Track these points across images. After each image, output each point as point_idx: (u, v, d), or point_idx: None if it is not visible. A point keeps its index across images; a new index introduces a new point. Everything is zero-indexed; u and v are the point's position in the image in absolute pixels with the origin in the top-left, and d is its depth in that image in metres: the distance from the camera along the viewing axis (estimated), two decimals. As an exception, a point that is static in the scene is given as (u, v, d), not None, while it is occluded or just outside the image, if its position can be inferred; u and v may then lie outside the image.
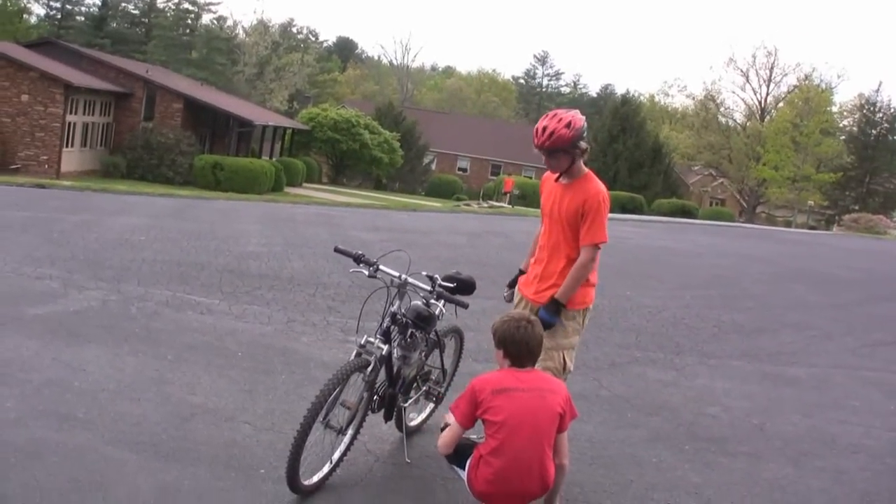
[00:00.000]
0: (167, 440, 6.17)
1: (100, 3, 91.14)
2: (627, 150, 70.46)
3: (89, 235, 14.49)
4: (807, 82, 78.56)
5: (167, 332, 9.04)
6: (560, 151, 5.95)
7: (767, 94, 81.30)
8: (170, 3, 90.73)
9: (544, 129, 5.92)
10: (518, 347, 5.29)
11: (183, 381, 7.53)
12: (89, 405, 6.67)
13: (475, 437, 5.35)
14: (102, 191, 24.90)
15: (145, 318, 9.51)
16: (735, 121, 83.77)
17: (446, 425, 5.35)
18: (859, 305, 16.77)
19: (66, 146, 43.20)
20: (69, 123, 43.16)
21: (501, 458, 5.02)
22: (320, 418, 5.35)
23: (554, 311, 6.06)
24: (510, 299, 6.65)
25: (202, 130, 52.04)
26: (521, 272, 6.60)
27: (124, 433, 6.20)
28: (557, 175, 6.18)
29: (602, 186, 6.13)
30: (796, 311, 15.07)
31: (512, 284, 6.65)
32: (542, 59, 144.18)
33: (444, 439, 5.33)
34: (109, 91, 47.10)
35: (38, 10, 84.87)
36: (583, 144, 6.00)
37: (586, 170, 6.19)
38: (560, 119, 5.93)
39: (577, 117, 5.98)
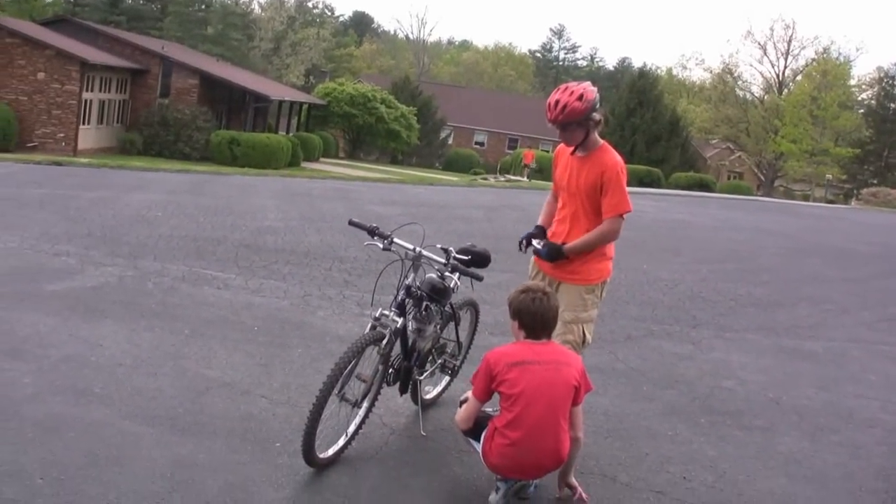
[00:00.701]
0: (183, 414, 6.19)
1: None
2: (645, 124, 70.13)
3: (106, 212, 14.52)
4: (825, 55, 78.16)
5: (183, 307, 9.06)
6: (574, 125, 5.91)
7: (785, 68, 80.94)
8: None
9: (556, 103, 5.87)
10: (533, 319, 5.29)
11: (199, 355, 7.56)
12: (106, 380, 6.70)
13: (490, 409, 5.36)
14: (119, 167, 24.91)
15: (162, 294, 9.54)
16: (753, 94, 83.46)
17: (466, 399, 5.36)
18: (877, 280, 16.72)
19: (83, 123, 43.26)
20: (85, 101, 43.20)
21: (517, 430, 5.02)
22: (335, 391, 5.36)
23: (555, 253, 6.08)
24: (523, 250, 6.56)
25: (218, 106, 52.04)
26: (539, 227, 6.51)
27: (141, 407, 6.23)
28: (573, 148, 6.15)
29: (618, 157, 6.08)
30: (813, 284, 15.03)
31: (528, 239, 6.53)
32: (559, 33, 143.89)
33: (462, 414, 5.35)
34: (125, 68, 47.11)
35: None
36: (596, 116, 5.95)
37: (601, 141, 6.14)
38: (572, 92, 5.88)
39: (589, 89, 5.93)
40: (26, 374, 6.64)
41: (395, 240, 5.94)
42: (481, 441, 5.20)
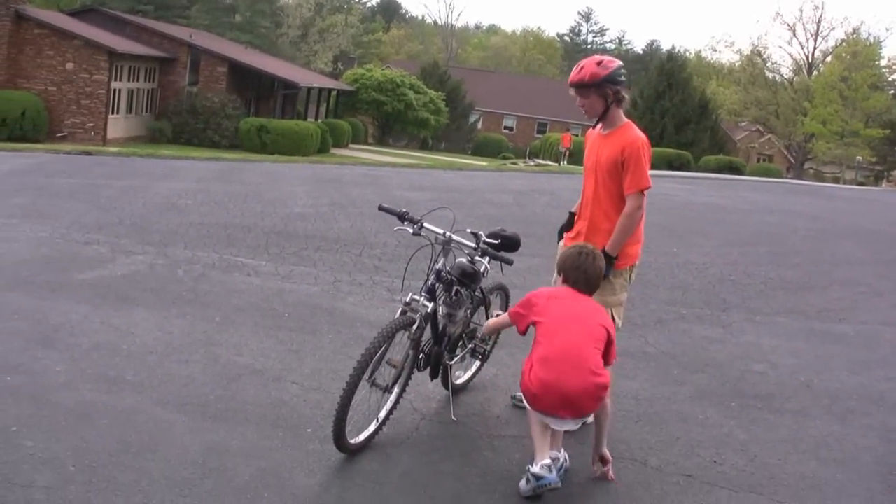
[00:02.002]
0: (215, 401, 6.23)
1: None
2: (674, 107, 69.73)
3: (136, 200, 14.58)
4: (854, 36, 77.43)
5: (214, 295, 9.10)
6: (591, 88, 5.94)
7: (815, 49, 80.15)
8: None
9: (578, 67, 6.01)
10: (576, 274, 5.56)
11: (230, 342, 7.59)
12: (138, 367, 6.74)
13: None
14: (148, 156, 25.01)
15: (192, 281, 9.58)
16: (782, 76, 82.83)
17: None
18: (909, 261, 16.60)
19: (112, 113, 43.38)
20: (114, 90, 43.32)
21: (551, 348, 5.23)
22: (366, 377, 5.37)
23: (609, 266, 6.02)
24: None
25: (247, 94, 52.14)
26: (572, 214, 6.54)
27: (172, 394, 6.27)
28: (596, 122, 6.17)
29: (641, 134, 6.08)
30: (845, 267, 14.93)
31: (564, 227, 6.60)
32: (587, 16, 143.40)
33: (491, 323, 6.17)
34: (153, 57, 47.22)
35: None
36: (618, 88, 5.99)
37: (626, 120, 6.16)
38: (593, 58, 6.03)
39: (610, 58, 6.05)
40: (58, 362, 6.69)
41: (425, 224, 5.94)
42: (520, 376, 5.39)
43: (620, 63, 6.02)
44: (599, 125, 6.23)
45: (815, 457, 6.36)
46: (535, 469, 5.13)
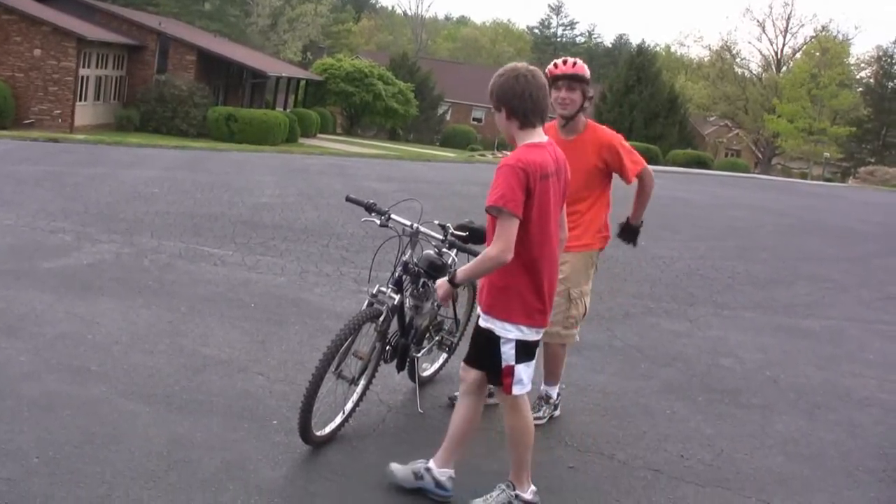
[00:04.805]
0: (180, 392, 6.19)
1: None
2: (643, 101, 69.92)
3: (103, 189, 14.49)
4: (824, 33, 77.95)
5: (180, 284, 9.05)
6: (580, 83, 6.03)
7: (784, 45, 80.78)
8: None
9: (564, 61, 6.08)
10: (523, 102, 4.71)
11: (196, 332, 7.55)
12: (103, 358, 6.68)
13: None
14: (116, 144, 24.87)
15: (158, 271, 9.52)
16: (751, 72, 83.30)
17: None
18: (875, 258, 16.72)
19: (80, 100, 43.06)
20: (82, 77, 42.99)
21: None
22: (332, 369, 5.35)
23: (638, 234, 6.53)
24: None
25: (216, 82, 51.89)
26: None
27: (137, 385, 6.22)
28: (563, 123, 6.18)
29: (609, 129, 6.33)
30: (811, 263, 15.03)
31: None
32: (557, 9, 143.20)
33: (503, 244, 4.69)
34: (122, 44, 46.90)
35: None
36: (589, 89, 6.11)
37: (586, 119, 6.26)
38: (573, 59, 6.12)
39: None
40: (22, 352, 6.63)
41: (393, 216, 5.92)
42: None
43: None
44: (555, 128, 6.22)
45: (782, 452, 6.38)
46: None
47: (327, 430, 5.57)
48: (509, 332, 4.79)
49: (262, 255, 10.80)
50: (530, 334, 4.84)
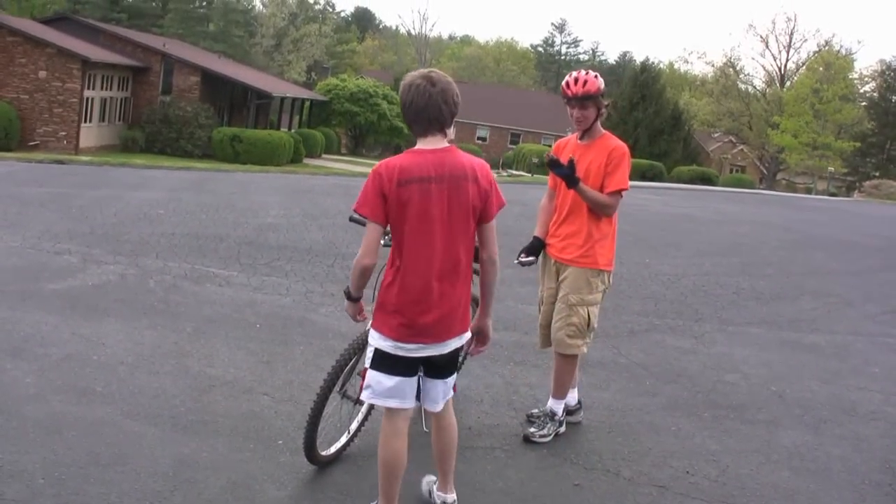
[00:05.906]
0: (186, 412, 6.20)
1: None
2: (647, 118, 69.95)
3: (108, 210, 14.51)
4: (827, 48, 77.93)
5: (186, 305, 9.06)
6: (592, 100, 6.12)
7: (787, 61, 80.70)
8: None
9: (577, 79, 6.14)
10: (408, 112, 4.76)
11: (201, 353, 7.56)
12: (108, 379, 6.70)
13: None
14: (121, 165, 24.94)
15: (164, 292, 9.53)
16: (755, 87, 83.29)
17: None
18: (880, 273, 16.69)
19: (85, 121, 43.24)
20: (87, 99, 43.17)
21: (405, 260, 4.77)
22: (337, 388, 5.36)
23: (573, 177, 6.11)
24: (526, 264, 6.63)
25: (220, 103, 52.06)
26: (537, 238, 6.59)
27: (143, 406, 6.23)
28: (581, 134, 6.33)
29: (622, 142, 6.34)
30: (816, 277, 15.01)
31: (528, 251, 6.62)
32: (560, 27, 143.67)
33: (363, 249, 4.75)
34: (127, 65, 47.10)
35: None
36: (603, 101, 6.21)
37: (604, 130, 6.35)
38: (587, 72, 6.21)
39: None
40: (28, 373, 6.64)
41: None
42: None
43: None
44: (574, 136, 6.44)
45: (788, 467, 6.37)
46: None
47: (332, 449, 5.58)
48: (372, 338, 4.85)
49: (268, 275, 10.82)
50: (388, 348, 4.76)
